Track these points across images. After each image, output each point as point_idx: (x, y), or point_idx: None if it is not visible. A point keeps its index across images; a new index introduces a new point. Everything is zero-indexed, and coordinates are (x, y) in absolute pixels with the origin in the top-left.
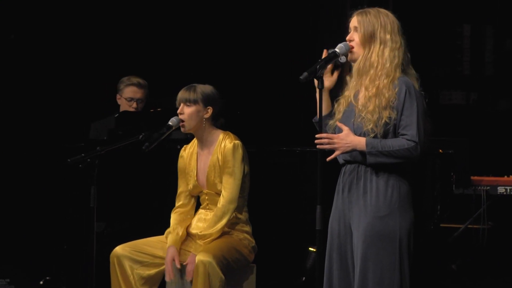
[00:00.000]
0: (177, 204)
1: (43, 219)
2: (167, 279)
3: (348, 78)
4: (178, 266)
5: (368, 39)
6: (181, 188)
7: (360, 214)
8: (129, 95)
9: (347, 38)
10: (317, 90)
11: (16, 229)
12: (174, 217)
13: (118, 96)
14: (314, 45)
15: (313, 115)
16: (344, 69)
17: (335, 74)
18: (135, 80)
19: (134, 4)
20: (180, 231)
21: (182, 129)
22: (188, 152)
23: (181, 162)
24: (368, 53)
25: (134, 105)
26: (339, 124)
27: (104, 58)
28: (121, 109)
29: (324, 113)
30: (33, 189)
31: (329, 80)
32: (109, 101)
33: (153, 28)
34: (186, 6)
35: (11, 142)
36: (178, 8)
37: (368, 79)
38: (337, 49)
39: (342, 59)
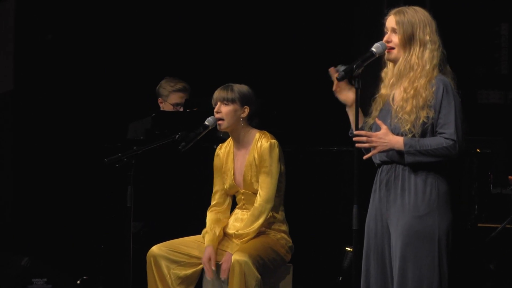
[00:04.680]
0: (212, 203)
1: (81, 218)
2: (208, 277)
3: (383, 74)
4: (213, 267)
5: (408, 41)
6: (216, 186)
7: (398, 214)
8: (176, 101)
9: (385, 39)
10: (348, 109)
11: (54, 229)
12: (210, 217)
13: (160, 100)
14: (350, 44)
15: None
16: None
17: (351, 88)
18: (180, 85)
19: (168, 5)
20: (218, 230)
21: (218, 128)
22: (225, 151)
23: (217, 161)
24: (408, 55)
25: (181, 109)
26: (378, 122)
27: (141, 59)
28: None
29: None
30: (70, 188)
31: (353, 92)
32: (147, 102)
33: (188, 28)
34: (222, 5)
35: (50, 142)
36: (213, 9)
37: (408, 81)
38: (373, 49)
39: (356, 72)
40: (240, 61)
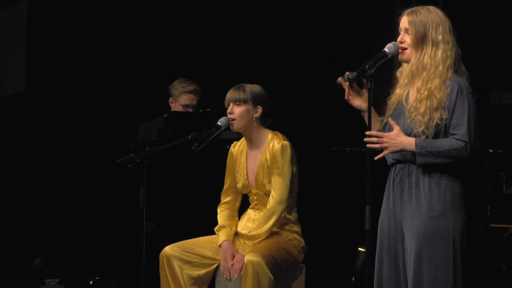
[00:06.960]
0: (223, 200)
1: (93, 219)
2: (226, 274)
3: (398, 74)
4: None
5: (420, 41)
6: (227, 184)
7: (413, 214)
8: (185, 102)
9: (398, 40)
10: (364, 114)
11: (66, 229)
12: (224, 213)
13: (171, 99)
14: (363, 44)
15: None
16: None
17: (364, 92)
18: (191, 87)
19: (181, 6)
20: (233, 226)
21: (231, 128)
22: (238, 150)
23: (230, 159)
24: (421, 55)
25: (191, 111)
26: (391, 122)
27: (153, 59)
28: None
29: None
30: (82, 189)
31: (365, 99)
32: (158, 102)
33: (200, 29)
34: (234, 6)
35: (61, 143)
36: (226, 9)
37: (421, 81)
38: (386, 49)
39: (369, 73)
40: (253, 61)
